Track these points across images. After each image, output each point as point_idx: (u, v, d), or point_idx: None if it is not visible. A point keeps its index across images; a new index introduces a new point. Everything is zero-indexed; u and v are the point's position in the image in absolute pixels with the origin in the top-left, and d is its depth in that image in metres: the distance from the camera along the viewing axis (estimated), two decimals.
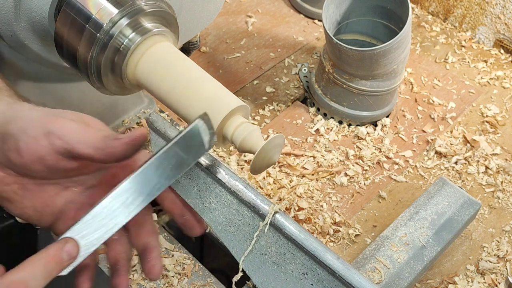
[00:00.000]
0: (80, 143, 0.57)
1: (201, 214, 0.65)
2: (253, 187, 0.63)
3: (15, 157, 0.58)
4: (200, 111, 0.66)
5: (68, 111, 0.61)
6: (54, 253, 0.55)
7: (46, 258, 0.54)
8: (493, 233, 0.99)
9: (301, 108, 1.18)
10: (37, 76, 0.87)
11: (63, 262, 0.55)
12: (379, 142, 1.12)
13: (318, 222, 0.98)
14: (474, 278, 0.92)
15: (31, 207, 0.61)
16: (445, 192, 0.93)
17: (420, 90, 1.23)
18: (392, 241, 0.87)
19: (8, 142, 0.58)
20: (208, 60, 1.26)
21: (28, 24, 0.74)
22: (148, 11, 0.69)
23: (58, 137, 0.57)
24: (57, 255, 0.55)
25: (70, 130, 0.58)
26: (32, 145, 0.57)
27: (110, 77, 0.71)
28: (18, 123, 0.58)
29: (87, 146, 0.57)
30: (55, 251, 0.55)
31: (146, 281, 0.84)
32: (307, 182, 1.04)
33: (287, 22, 1.38)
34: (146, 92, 1.07)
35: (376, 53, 1.00)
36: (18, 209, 0.61)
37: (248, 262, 0.64)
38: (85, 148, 0.57)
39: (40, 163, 0.58)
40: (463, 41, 1.35)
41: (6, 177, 0.59)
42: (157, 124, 0.66)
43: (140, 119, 1.06)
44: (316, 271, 0.61)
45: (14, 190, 0.60)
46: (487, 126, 1.16)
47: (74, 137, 0.57)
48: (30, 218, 0.62)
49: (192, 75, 0.68)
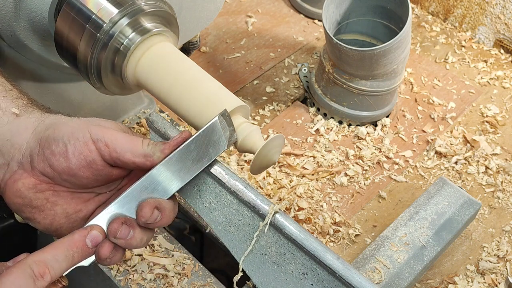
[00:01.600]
0: (128, 152, 0.59)
1: (201, 214, 0.65)
2: (253, 187, 0.63)
3: (61, 162, 0.58)
4: (200, 111, 0.66)
5: (103, 119, 0.62)
6: (78, 238, 0.56)
7: (69, 242, 0.55)
8: (493, 233, 0.99)
9: (301, 108, 1.18)
10: (37, 76, 0.87)
11: (86, 248, 0.56)
12: (379, 142, 1.12)
13: (318, 222, 0.98)
14: (474, 278, 0.92)
15: (63, 213, 0.61)
16: (445, 192, 0.93)
17: (420, 90, 1.23)
18: (392, 241, 0.87)
19: (53, 146, 0.58)
20: (208, 60, 1.26)
21: (28, 24, 0.74)
22: (148, 11, 0.69)
23: (106, 144, 0.59)
24: (81, 240, 0.56)
25: (117, 138, 0.59)
26: (82, 149, 0.58)
27: (110, 77, 0.71)
28: (64, 129, 0.59)
29: (135, 155, 0.59)
30: (80, 236, 0.56)
31: (146, 281, 0.84)
32: (307, 182, 1.04)
33: (287, 22, 1.38)
34: (146, 92, 1.07)
35: (376, 53, 1.00)
36: (49, 218, 0.61)
37: (248, 262, 0.64)
38: (133, 157, 0.59)
39: (87, 169, 0.59)
40: (463, 41, 1.35)
41: (40, 184, 0.60)
42: (157, 124, 0.66)
43: (140, 119, 1.06)
44: (316, 271, 0.61)
45: (47, 197, 0.60)
46: (487, 126, 1.16)
47: (122, 145, 0.59)
48: (61, 227, 0.62)
49: (192, 75, 0.68)
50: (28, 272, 0.51)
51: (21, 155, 0.60)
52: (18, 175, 0.60)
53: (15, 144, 0.60)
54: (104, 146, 0.58)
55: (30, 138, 0.60)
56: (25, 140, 0.60)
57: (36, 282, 0.51)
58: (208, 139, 0.60)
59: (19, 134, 0.60)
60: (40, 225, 0.61)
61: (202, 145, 0.60)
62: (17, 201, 0.60)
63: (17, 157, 0.60)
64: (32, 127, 0.61)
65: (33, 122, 0.61)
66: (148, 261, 0.86)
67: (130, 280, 0.84)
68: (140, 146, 0.59)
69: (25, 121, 0.61)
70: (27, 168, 0.60)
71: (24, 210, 0.60)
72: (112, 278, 0.84)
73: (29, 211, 0.60)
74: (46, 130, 0.60)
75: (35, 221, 0.61)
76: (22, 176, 0.59)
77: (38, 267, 0.52)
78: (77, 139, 0.58)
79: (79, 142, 0.58)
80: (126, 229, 0.58)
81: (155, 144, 0.59)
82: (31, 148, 0.60)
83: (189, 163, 0.60)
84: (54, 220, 0.61)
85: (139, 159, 0.59)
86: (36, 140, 0.60)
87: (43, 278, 0.52)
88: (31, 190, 0.59)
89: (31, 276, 0.51)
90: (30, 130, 0.61)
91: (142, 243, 0.60)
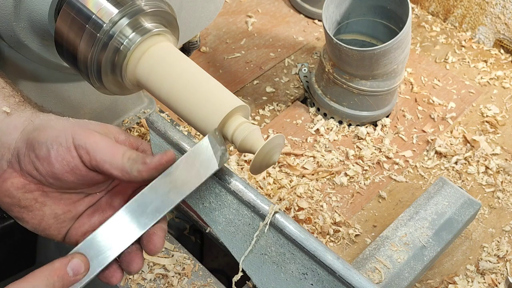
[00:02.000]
0: (106, 163, 0.57)
1: (201, 214, 0.65)
2: (253, 187, 0.63)
3: (45, 166, 0.58)
4: (200, 111, 0.66)
5: (94, 122, 0.61)
6: (58, 267, 0.55)
7: (49, 271, 0.54)
8: (493, 233, 0.99)
9: (301, 108, 1.18)
10: (37, 76, 0.87)
11: (67, 277, 0.55)
12: (379, 142, 1.12)
13: (318, 222, 0.98)
14: (474, 278, 0.92)
15: (51, 214, 0.61)
16: (445, 192, 0.93)
17: (420, 90, 1.23)
18: (392, 241, 0.87)
19: (37, 150, 0.58)
20: (208, 60, 1.26)
21: (28, 24, 0.74)
22: (148, 11, 0.69)
23: (87, 151, 0.57)
24: (61, 269, 0.55)
25: (98, 146, 0.58)
26: (65, 155, 0.57)
27: (110, 77, 0.71)
28: (48, 132, 0.58)
29: (113, 167, 0.57)
30: (60, 264, 0.55)
31: (146, 281, 0.84)
32: (307, 182, 1.04)
33: (287, 22, 1.38)
34: (146, 92, 1.07)
35: (376, 53, 1.00)
36: (37, 218, 0.60)
37: (248, 262, 0.64)
38: (111, 168, 0.57)
39: (71, 174, 0.58)
40: (463, 41, 1.35)
41: (28, 184, 0.59)
42: (157, 124, 0.66)
43: (140, 119, 1.06)
44: (316, 271, 0.60)
45: (35, 197, 0.60)
46: (487, 126, 1.16)
47: (102, 155, 0.57)
48: (49, 227, 0.61)
49: (192, 75, 0.68)
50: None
51: (10, 154, 0.59)
52: (7, 174, 0.59)
53: (4, 143, 0.59)
54: (85, 153, 0.57)
55: (18, 138, 0.59)
56: (13, 139, 0.60)
57: None
58: (197, 159, 0.59)
59: (9, 133, 0.60)
60: (29, 224, 0.61)
61: (191, 165, 0.59)
62: (6, 200, 0.59)
63: (6, 156, 0.59)
64: (22, 127, 0.60)
65: (22, 122, 0.60)
66: (148, 261, 0.86)
67: (130, 280, 0.84)
68: (120, 158, 0.57)
69: (15, 120, 0.60)
70: (16, 167, 0.59)
71: (13, 210, 0.60)
72: None
73: (17, 210, 0.60)
74: (34, 131, 0.59)
75: (23, 220, 0.61)
76: (12, 176, 0.59)
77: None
78: (60, 144, 0.57)
79: (62, 147, 0.57)
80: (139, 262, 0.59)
81: (135, 160, 0.57)
82: (18, 148, 0.59)
83: (179, 184, 0.58)
84: (42, 220, 0.60)
85: (116, 172, 0.57)
86: (23, 141, 0.59)
87: None
88: (20, 190, 0.59)
89: None
90: (20, 129, 0.60)
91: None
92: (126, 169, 0.57)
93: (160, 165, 0.58)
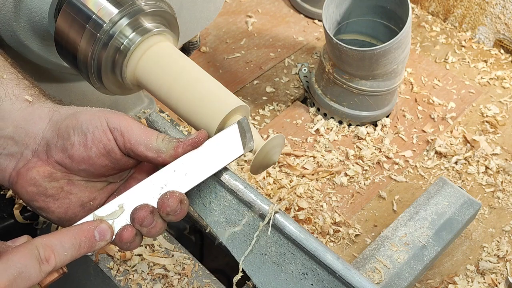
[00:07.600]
0: (141, 145, 0.58)
1: (201, 214, 0.65)
2: (253, 187, 0.63)
3: (81, 152, 0.58)
4: (200, 111, 0.66)
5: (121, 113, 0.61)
6: (86, 229, 0.55)
7: (78, 230, 0.54)
8: (493, 233, 0.99)
9: (301, 108, 1.18)
10: (37, 76, 0.87)
11: (93, 240, 0.55)
12: (379, 142, 1.12)
13: (318, 222, 0.98)
14: (474, 278, 0.92)
15: (78, 202, 0.61)
16: (445, 192, 0.93)
17: (420, 90, 1.23)
18: (392, 241, 0.87)
19: (72, 137, 0.58)
20: (208, 60, 1.26)
21: (28, 24, 0.74)
22: (148, 11, 0.69)
23: (121, 133, 0.58)
24: (89, 231, 0.55)
25: (132, 129, 0.58)
26: (101, 138, 0.58)
27: (110, 77, 0.71)
28: (82, 117, 0.59)
29: (148, 148, 0.58)
30: (88, 226, 0.55)
31: (146, 281, 0.84)
32: (307, 182, 1.04)
33: (287, 22, 1.38)
34: (146, 92, 1.07)
35: (376, 53, 1.00)
36: (64, 207, 0.60)
37: (248, 262, 0.64)
38: (145, 150, 0.58)
39: (106, 157, 0.59)
40: (463, 41, 1.35)
41: (55, 172, 0.59)
42: (157, 124, 0.66)
43: (140, 119, 1.06)
44: (316, 271, 0.60)
45: (61, 186, 0.60)
46: (487, 126, 1.16)
47: (137, 136, 0.58)
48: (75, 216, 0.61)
49: (192, 75, 0.68)
50: (35, 253, 0.50)
51: (36, 144, 0.60)
52: (32, 164, 0.59)
53: (29, 133, 0.60)
54: (120, 135, 0.58)
55: (46, 128, 0.60)
56: (40, 129, 0.60)
57: (41, 266, 0.50)
58: (225, 143, 0.61)
59: (33, 123, 0.60)
60: (54, 214, 0.61)
61: (218, 148, 0.60)
62: (31, 189, 0.59)
63: (32, 146, 0.60)
64: (47, 117, 0.60)
65: (47, 112, 0.61)
66: (148, 261, 0.86)
67: (130, 280, 0.84)
68: (155, 140, 0.58)
69: (38, 109, 0.61)
70: (42, 157, 0.59)
71: (38, 199, 0.60)
72: (112, 278, 0.84)
73: (42, 200, 0.60)
74: (64, 120, 0.60)
75: (48, 210, 0.60)
76: (37, 165, 0.59)
77: (44, 251, 0.51)
78: (96, 127, 0.58)
79: (98, 130, 0.58)
80: (151, 217, 0.57)
81: (169, 140, 0.59)
82: (47, 138, 0.59)
83: (204, 164, 0.60)
84: (69, 208, 0.61)
85: (151, 154, 0.58)
86: (53, 130, 0.59)
87: (48, 263, 0.51)
88: (46, 178, 0.59)
89: (37, 258, 0.50)
90: (45, 119, 0.60)
91: (159, 233, 0.59)
92: (162, 149, 0.58)
93: (196, 142, 0.59)
